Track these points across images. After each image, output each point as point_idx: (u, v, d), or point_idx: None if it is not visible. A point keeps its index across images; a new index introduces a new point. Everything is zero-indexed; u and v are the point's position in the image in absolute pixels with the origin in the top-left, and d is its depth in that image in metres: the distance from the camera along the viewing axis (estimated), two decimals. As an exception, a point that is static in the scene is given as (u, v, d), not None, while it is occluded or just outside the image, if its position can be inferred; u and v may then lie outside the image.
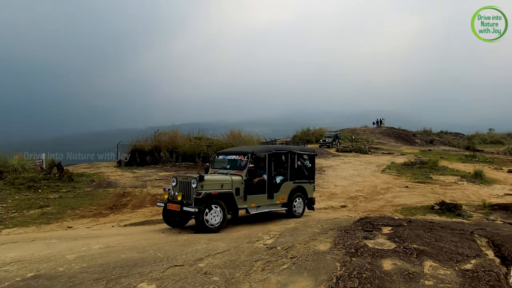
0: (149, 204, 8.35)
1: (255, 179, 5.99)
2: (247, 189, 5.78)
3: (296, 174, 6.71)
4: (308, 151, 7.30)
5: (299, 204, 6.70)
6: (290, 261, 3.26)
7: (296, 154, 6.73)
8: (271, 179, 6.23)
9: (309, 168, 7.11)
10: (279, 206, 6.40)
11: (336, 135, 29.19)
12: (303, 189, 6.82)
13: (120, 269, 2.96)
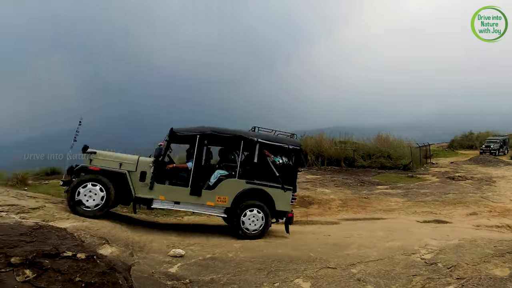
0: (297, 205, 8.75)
1: (170, 165, 4.86)
2: (159, 176, 4.64)
3: (255, 171, 4.93)
4: (285, 143, 5.16)
5: (252, 217, 4.80)
6: (457, 282, 2.81)
7: (251, 142, 4.95)
8: (200, 169, 4.84)
9: (287, 167, 5.13)
10: (217, 211, 4.85)
11: (504, 140, 23.19)
12: (267, 197, 4.90)
13: (278, 263, 3.22)
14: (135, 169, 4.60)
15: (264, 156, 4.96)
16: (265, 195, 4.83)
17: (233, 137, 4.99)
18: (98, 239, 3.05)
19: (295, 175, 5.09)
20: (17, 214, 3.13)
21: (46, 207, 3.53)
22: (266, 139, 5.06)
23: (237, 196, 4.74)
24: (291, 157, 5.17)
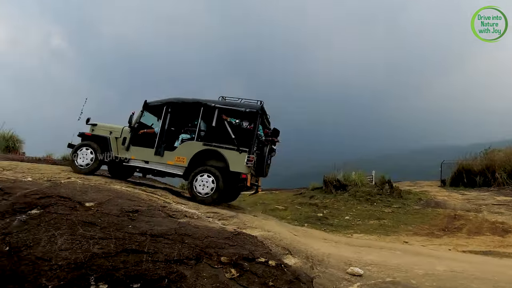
0: (488, 232, 7.27)
1: (141, 131, 5.77)
2: (133, 140, 5.64)
3: (212, 135, 5.44)
4: (242, 107, 5.50)
5: (204, 180, 5.11)
6: None
7: (210, 108, 5.47)
8: (164, 133, 5.60)
9: (245, 131, 5.50)
10: (176, 170, 5.47)
11: None
12: (219, 157, 5.23)
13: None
14: (120, 136, 5.73)
15: (222, 121, 5.39)
16: (220, 156, 5.24)
17: (194, 104, 5.61)
18: (282, 249, 3.38)
19: (252, 138, 5.28)
20: (219, 221, 3.80)
21: (238, 216, 4.14)
22: (223, 105, 5.53)
23: (193, 156, 5.29)
24: (251, 122, 5.53)
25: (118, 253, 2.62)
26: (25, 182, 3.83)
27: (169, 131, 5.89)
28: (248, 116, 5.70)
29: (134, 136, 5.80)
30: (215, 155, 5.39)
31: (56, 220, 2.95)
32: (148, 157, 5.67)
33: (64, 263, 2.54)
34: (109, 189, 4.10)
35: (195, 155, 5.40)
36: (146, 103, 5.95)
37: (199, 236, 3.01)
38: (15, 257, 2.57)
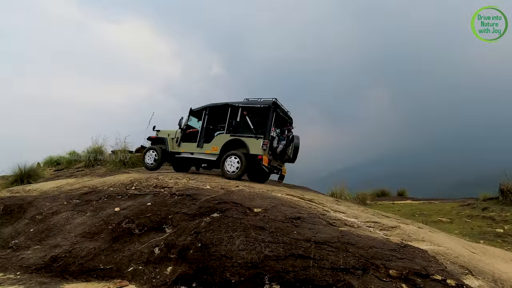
0: None
1: (189, 130, 8.24)
2: (184, 137, 8.13)
3: (236, 128, 7.43)
4: (257, 104, 7.44)
5: (231, 162, 7.04)
6: None
7: (234, 108, 7.58)
8: (203, 130, 7.87)
9: (260, 122, 7.31)
10: (211, 157, 7.54)
11: None
12: (242, 144, 7.20)
13: None
14: (174, 136, 8.19)
15: (244, 117, 7.40)
16: (242, 143, 7.15)
17: (224, 106, 7.70)
18: (460, 267, 3.03)
19: (266, 127, 7.09)
20: (381, 231, 3.70)
21: (400, 227, 3.93)
22: (245, 104, 7.51)
23: (224, 145, 7.34)
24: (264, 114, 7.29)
25: (287, 257, 2.96)
26: (205, 190, 4.72)
27: (207, 128, 8.13)
28: (263, 111, 7.38)
29: (183, 135, 8.28)
30: (239, 143, 7.30)
31: (232, 223, 3.54)
32: (193, 149, 7.99)
33: (242, 262, 3.02)
34: (272, 196, 4.61)
35: (225, 144, 7.44)
36: (191, 109, 8.35)
37: (363, 246, 3.04)
38: (206, 252, 3.20)
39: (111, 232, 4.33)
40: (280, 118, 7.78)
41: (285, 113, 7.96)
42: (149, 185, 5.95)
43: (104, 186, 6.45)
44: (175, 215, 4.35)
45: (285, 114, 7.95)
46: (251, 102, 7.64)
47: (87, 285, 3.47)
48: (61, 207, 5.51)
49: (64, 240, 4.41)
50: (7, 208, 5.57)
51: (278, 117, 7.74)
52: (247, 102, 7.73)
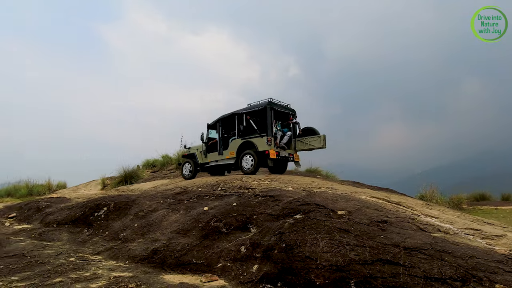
0: None
1: (209, 142, 9.80)
2: (208, 149, 9.78)
3: (244, 131, 8.84)
4: (256, 107, 8.60)
5: (246, 160, 8.40)
6: None
7: (240, 115, 8.95)
8: (221, 140, 9.41)
9: (261, 122, 8.57)
10: (231, 161, 9.00)
11: None
12: (252, 144, 8.48)
13: None
14: (201, 150, 9.84)
15: (248, 120, 8.81)
16: (251, 144, 8.55)
17: (232, 115, 9.15)
18: None
19: (266, 125, 8.35)
20: (483, 239, 3.34)
21: (508, 236, 3.49)
22: (246, 110, 8.88)
23: (238, 148, 8.82)
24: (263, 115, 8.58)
25: (374, 261, 2.86)
26: (288, 191, 4.80)
27: (223, 137, 9.59)
28: (262, 112, 8.51)
29: (207, 147, 9.88)
30: (250, 144, 8.60)
31: (316, 225, 3.55)
32: (216, 157, 9.51)
33: (327, 264, 3.02)
34: (356, 198, 4.49)
35: (239, 147, 8.79)
36: (208, 124, 9.86)
37: (461, 255, 2.79)
38: (290, 253, 3.27)
39: (201, 229, 4.68)
40: (280, 113, 9.06)
41: (284, 108, 9.07)
42: (233, 186, 6.27)
43: (194, 187, 6.99)
44: (259, 216, 4.51)
45: (284, 108, 9.07)
46: (252, 107, 8.92)
47: (182, 277, 3.82)
48: (158, 205, 6.14)
49: (162, 235, 4.91)
50: (116, 205, 6.41)
51: (278, 113, 9.01)
52: (249, 107, 9.02)
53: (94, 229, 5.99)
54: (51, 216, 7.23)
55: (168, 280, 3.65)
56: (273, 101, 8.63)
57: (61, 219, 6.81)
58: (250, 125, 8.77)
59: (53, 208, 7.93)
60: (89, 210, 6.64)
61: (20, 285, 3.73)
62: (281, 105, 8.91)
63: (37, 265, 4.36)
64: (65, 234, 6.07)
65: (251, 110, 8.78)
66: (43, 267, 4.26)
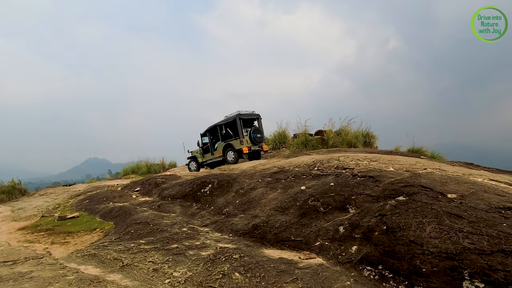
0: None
1: (203, 146, 14.47)
2: (204, 151, 14.34)
3: (225, 137, 13.38)
4: (230, 119, 12.93)
5: (229, 155, 12.90)
6: None
7: (219, 126, 13.40)
8: (211, 143, 13.89)
9: (234, 129, 12.92)
10: (220, 158, 13.34)
11: None
12: (231, 145, 12.81)
13: None
14: (199, 152, 14.65)
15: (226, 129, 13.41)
16: (231, 145, 12.88)
17: (215, 127, 13.68)
18: None
19: (237, 131, 12.71)
20: None
21: None
22: (223, 122, 13.25)
23: (223, 148, 13.22)
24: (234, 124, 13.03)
25: (494, 252, 2.56)
26: (388, 172, 4.54)
27: (212, 142, 14.02)
28: (234, 122, 12.88)
29: (203, 150, 14.43)
30: (230, 145, 12.96)
31: (421, 208, 3.31)
32: (210, 157, 14.03)
33: (435, 251, 2.81)
34: (470, 181, 4.01)
35: (223, 148, 13.20)
36: (200, 133, 14.46)
37: None
38: (392, 236, 3.12)
39: (298, 208, 4.78)
40: (247, 120, 13.34)
41: (250, 115, 13.31)
42: (330, 166, 6.18)
43: (290, 166, 7.11)
44: (358, 196, 4.37)
45: (250, 115, 13.29)
46: (227, 119, 13.13)
47: (281, 252, 3.99)
48: (257, 184, 6.45)
49: (261, 212, 5.17)
50: (219, 183, 6.97)
51: (246, 120, 13.27)
52: (225, 119, 13.24)
53: (201, 203, 6.64)
54: (166, 191, 8.25)
55: (268, 254, 3.86)
56: (241, 113, 12.91)
57: (174, 193, 7.71)
58: (228, 132, 13.26)
59: (167, 184, 9.03)
60: (196, 187, 7.37)
61: (147, 247, 4.40)
62: (247, 114, 13.18)
63: (158, 232, 5.06)
64: (177, 207, 6.88)
65: (227, 122, 13.17)
66: (163, 234, 4.93)
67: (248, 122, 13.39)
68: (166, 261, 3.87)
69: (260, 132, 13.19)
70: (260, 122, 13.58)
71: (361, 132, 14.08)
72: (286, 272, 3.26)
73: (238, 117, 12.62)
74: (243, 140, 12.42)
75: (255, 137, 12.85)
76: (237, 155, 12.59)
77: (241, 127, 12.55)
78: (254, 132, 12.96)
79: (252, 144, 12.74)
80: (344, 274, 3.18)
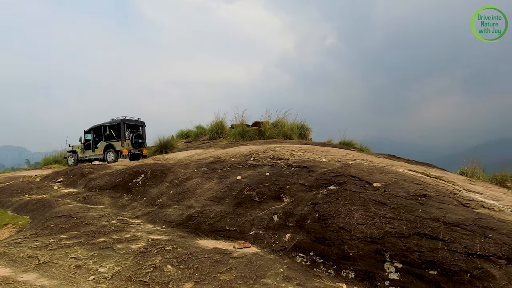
0: None
1: (85, 143, 15.63)
2: (85, 147, 15.50)
3: (107, 137, 14.66)
4: (112, 123, 14.52)
5: (110, 155, 14.12)
6: None
7: (104, 127, 14.78)
8: (94, 142, 15.14)
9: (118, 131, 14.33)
10: (101, 156, 14.50)
11: None
12: (113, 146, 14.20)
13: None
14: (81, 148, 15.72)
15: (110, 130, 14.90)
16: (112, 145, 14.32)
17: (100, 127, 15.12)
18: None
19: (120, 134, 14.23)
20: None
21: None
22: (109, 123, 14.74)
23: (104, 148, 14.69)
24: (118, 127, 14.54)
25: (411, 235, 2.79)
26: (321, 162, 4.72)
27: (95, 140, 15.32)
28: (118, 125, 14.36)
29: (84, 146, 15.63)
30: (111, 145, 14.34)
31: (350, 197, 3.50)
32: (91, 153, 15.18)
33: (362, 236, 2.98)
34: (393, 171, 4.35)
35: (104, 147, 14.56)
36: (84, 130, 15.59)
37: (507, 233, 2.66)
38: (323, 223, 3.27)
39: (234, 198, 4.76)
40: (131, 125, 14.76)
41: (135, 121, 14.92)
42: (266, 157, 6.27)
43: (227, 156, 7.07)
44: (292, 186, 4.50)
45: (135, 121, 14.89)
46: (113, 121, 14.49)
47: (216, 242, 3.94)
48: (193, 174, 6.30)
49: (197, 202, 5.05)
50: (153, 172, 6.66)
51: (130, 126, 14.69)
52: (110, 121, 14.61)
53: (133, 194, 6.29)
54: (94, 181, 7.66)
55: (202, 245, 3.79)
56: (126, 118, 14.49)
57: (103, 184, 7.20)
58: (111, 133, 14.60)
59: (95, 174, 8.39)
60: (128, 177, 6.96)
61: (69, 242, 4.02)
62: (132, 120, 14.83)
63: (83, 226, 4.67)
64: (106, 198, 6.43)
65: (111, 124, 14.54)
66: (88, 228, 4.56)
67: (132, 127, 15.11)
68: (91, 256, 3.58)
69: (142, 138, 15.14)
70: (144, 129, 15.54)
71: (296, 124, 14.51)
72: (220, 262, 3.23)
73: (123, 121, 14.40)
74: (124, 143, 14.25)
75: (136, 142, 14.63)
76: (116, 155, 14.22)
77: (124, 130, 14.35)
78: (136, 137, 14.75)
79: (132, 148, 14.49)
80: (278, 262, 3.25)
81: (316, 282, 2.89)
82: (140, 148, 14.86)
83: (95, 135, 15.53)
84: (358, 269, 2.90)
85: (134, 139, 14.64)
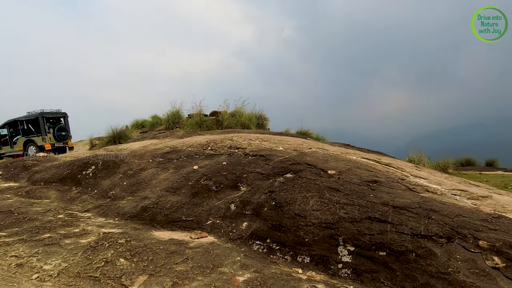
0: None
1: (4, 138, 14.82)
2: (2, 143, 14.74)
3: (26, 132, 13.96)
4: (30, 117, 13.76)
5: (31, 150, 13.64)
6: None
7: (21, 121, 14.02)
8: (10, 137, 14.39)
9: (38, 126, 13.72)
10: (21, 151, 13.85)
11: None
12: (33, 141, 13.67)
13: None
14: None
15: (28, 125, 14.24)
16: (32, 140, 13.75)
17: (15, 121, 14.16)
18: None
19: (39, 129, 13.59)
20: (469, 200, 3.41)
21: (493, 197, 3.56)
22: (25, 118, 13.97)
23: (23, 143, 13.98)
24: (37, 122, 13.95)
25: (363, 219, 2.90)
26: (278, 151, 4.76)
27: (12, 135, 14.44)
28: (36, 119, 13.64)
29: (1, 142, 14.76)
30: (31, 140, 13.69)
31: (306, 184, 3.55)
32: (9, 150, 14.40)
33: (316, 222, 3.04)
34: (347, 159, 4.49)
35: (24, 142, 13.86)
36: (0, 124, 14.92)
37: (448, 214, 2.84)
38: (280, 211, 3.29)
39: (191, 188, 4.68)
40: (52, 118, 14.26)
41: (55, 113, 14.27)
42: (224, 146, 6.22)
43: (183, 146, 6.91)
44: (249, 174, 4.50)
45: (55, 114, 14.26)
46: (30, 115, 13.84)
47: (172, 233, 3.85)
48: (148, 164, 6.09)
49: (152, 193, 4.90)
50: (105, 163, 6.33)
51: (50, 118, 14.20)
52: (27, 115, 13.92)
53: (83, 187, 5.95)
54: (38, 174, 7.14)
55: (158, 236, 3.68)
56: (44, 111, 13.85)
57: (49, 177, 6.73)
58: (30, 128, 13.99)
59: (40, 167, 7.82)
60: (77, 169, 6.56)
61: (9, 240, 3.72)
62: (52, 112, 14.16)
63: (25, 222, 4.34)
64: (53, 192, 6.03)
65: (29, 118, 13.90)
66: (31, 224, 4.25)
67: (53, 120, 14.57)
68: (35, 253, 3.34)
69: (66, 130, 14.54)
70: (66, 121, 14.86)
71: (254, 114, 14.60)
72: (176, 253, 3.16)
73: (41, 115, 13.78)
74: (46, 137, 13.67)
75: (59, 135, 14.18)
76: (39, 150, 13.74)
77: (43, 125, 13.75)
78: (59, 130, 14.24)
79: (56, 141, 14.07)
80: (235, 250, 3.25)
81: (273, 269, 2.94)
82: (65, 141, 14.37)
83: (11, 129, 14.67)
84: (313, 254, 2.98)
85: (56, 132, 14.01)
